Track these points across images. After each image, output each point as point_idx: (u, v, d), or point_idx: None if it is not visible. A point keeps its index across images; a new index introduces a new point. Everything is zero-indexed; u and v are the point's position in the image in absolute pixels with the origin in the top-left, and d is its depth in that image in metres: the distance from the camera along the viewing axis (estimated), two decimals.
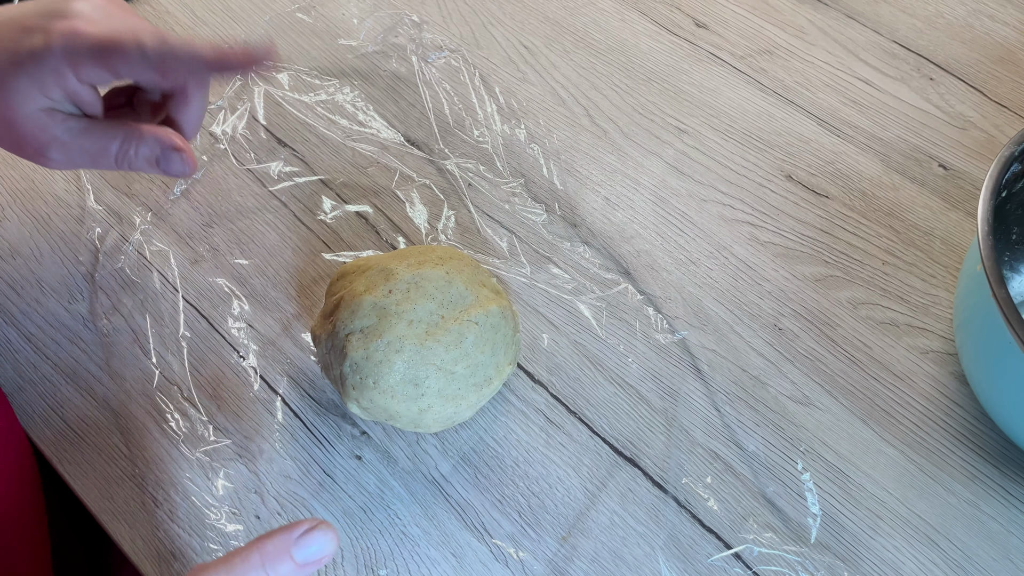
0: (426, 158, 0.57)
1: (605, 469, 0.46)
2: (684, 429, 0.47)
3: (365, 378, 0.42)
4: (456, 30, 0.63)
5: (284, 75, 0.60)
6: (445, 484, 0.46)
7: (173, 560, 0.43)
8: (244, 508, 0.45)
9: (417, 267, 0.44)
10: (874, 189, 0.56)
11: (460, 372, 0.43)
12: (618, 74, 0.61)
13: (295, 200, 0.55)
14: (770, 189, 0.56)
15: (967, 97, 0.60)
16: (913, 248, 0.53)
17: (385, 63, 0.61)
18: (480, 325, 0.43)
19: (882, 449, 0.47)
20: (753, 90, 0.61)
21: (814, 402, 0.48)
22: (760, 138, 0.58)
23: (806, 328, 0.50)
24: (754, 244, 0.54)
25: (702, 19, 0.64)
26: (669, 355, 0.50)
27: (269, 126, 0.58)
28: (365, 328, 0.42)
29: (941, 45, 0.63)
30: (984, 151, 0.57)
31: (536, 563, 0.44)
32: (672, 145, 0.58)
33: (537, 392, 0.48)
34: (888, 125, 0.59)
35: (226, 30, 0.63)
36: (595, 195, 0.56)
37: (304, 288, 0.52)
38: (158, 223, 0.54)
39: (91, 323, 0.50)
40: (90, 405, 0.47)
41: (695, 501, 0.45)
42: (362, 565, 0.44)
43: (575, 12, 0.65)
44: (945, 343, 0.50)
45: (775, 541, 0.44)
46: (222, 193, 0.55)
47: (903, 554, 0.44)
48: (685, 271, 0.53)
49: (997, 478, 0.46)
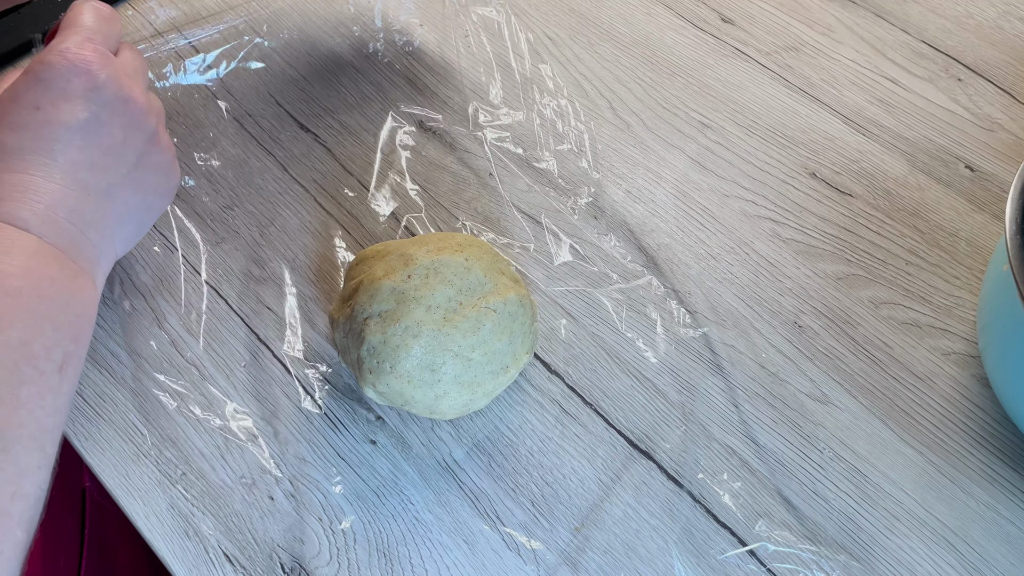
0: (446, 145, 0.57)
1: (620, 461, 0.46)
2: (701, 424, 0.47)
3: (382, 362, 0.42)
4: (481, 20, 0.63)
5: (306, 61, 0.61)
6: (459, 471, 0.46)
7: (187, 539, 0.44)
8: (258, 489, 0.45)
9: (436, 253, 0.44)
10: (899, 189, 0.55)
11: (477, 359, 0.43)
12: (642, 68, 0.61)
13: (316, 185, 0.55)
14: (793, 186, 0.55)
15: (995, 99, 0.59)
16: (937, 249, 0.53)
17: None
18: (498, 313, 0.43)
19: (901, 450, 0.46)
20: (778, 87, 0.60)
21: (833, 401, 0.48)
22: (784, 135, 0.58)
23: (827, 326, 0.50)
24: (776, 241, 0.53)
25: (728, 14, 0.64)
26: (688, 350, 0.49)
27: (292, 111, 0.59)
28: (383, 312, 0.42)
29: (970, 46, 0.62)
30: (1012, 153, 0.56)
31: (548, 553, 0.43)
32: (695, 140, 0.58)
33: (553, 382, 0.48)
34: (914, 125, 0.58)
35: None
36: (616, 188, 0.55)
37: (323, 272, 0.52)
38: (179, 204, 0.54)
39: (111, 301, 0.51)
40: (108, 382, 0.48)
41: (710, 496, 0.45)
42: (374, 549, 0.43)
43: (600, 5, 0.64)
44: (967, 345, 0.49)
45: (790, 539, 0.44)
46: (244, 176, 0.56)
47: (919, 555, 0.43)
48: (705, 266, 0.52)
49: (1017, 482, 0.45)
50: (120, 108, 0.41)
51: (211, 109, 0.59)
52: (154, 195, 0.45)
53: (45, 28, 0.62)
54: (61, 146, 0.39)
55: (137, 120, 0.42)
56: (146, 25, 0.63)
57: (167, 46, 0.61)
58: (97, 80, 0.40)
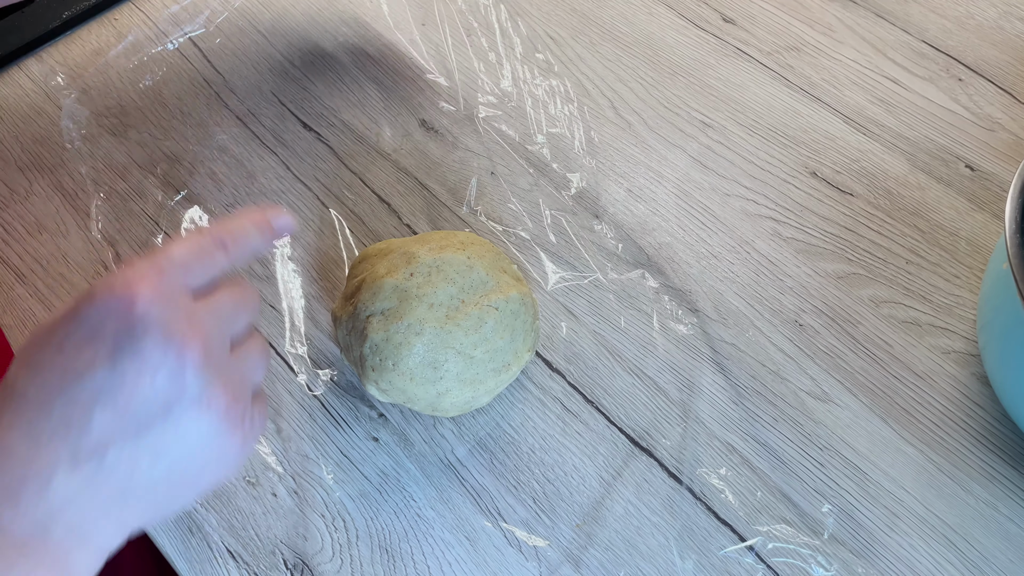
0: (448, 143, 0.57)
1: (621, 459, 0.46)
2: (701, 421, 0.47)
3: (384, 360, 0.42)
4: (483, 20, 0.63)
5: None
6: (461, 468, 0.46)
7: (191, 536, 0.44)
8: (261, 485, 0.45)
9: (439, 251, 0.44)
10: (900, 188, 0.55)
11: (479, 357, 0.43)
12: (644, 67, 0.61)
13: (318, 183, 0.55)
14: (794, 185, 0.56)
15: (996, 99, 0.59)
16: (937, 248, 0.53)
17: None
18: (500, 311, 0.43)
19: (901, 448, 0.46)
20: (779, 86, 0.60)
21: (833, 399, 0.48)
22: (785, 134, 0.58)
23: (827, 325, 0.50)
24: (777, 240, 0.53)
25: (729, 14, 0.64)
26: (688, 347, 0.49)
27: (294, 110, 0.59)
28: (386, 310, 0.43)
29: (971, 46, 0.62)
30: (1012, 153, 0.57)
31: (550, 550, 0.44)
32: (696, 139, 0.58)
33: (555, 380, 0.48)
34: (915, 124, 0.58)
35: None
36: (618, 187, 0.56)
37: (325, 270, 0.52)
38: (183, 202, 0.54)
39: None
40: None
41: (710, 493, 0.45)
42: (377, 545, 0.44)
43: (602, 4, 0.65)
44: (967, 344, 0.49)
45: (790, 536, 0.44)
46: (247, 175, 0.56)
47: (919, 552, 0.43)
48: (707, 265, 0.52)
49: (1016, 480, 0.45)
50: (157, 358, 0.32)
51: (214, 108, 0.59)
52: (188, 465, 0.34)
53: (46, 28, 0.62)
54: (63, 400, 0.32)
55: (178, 375, 0.32)
56: (147, 22, 0.63)
57: (167, 39, 0.61)
58: (133, 324, 0.32)
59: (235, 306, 0.36)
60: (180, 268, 0.34)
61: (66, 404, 0.32)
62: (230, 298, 0.36)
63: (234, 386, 0.34)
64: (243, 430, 0.35)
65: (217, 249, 0.36)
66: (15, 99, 0.60)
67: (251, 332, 0.37)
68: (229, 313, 0.36)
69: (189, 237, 0.35)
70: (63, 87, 0.60)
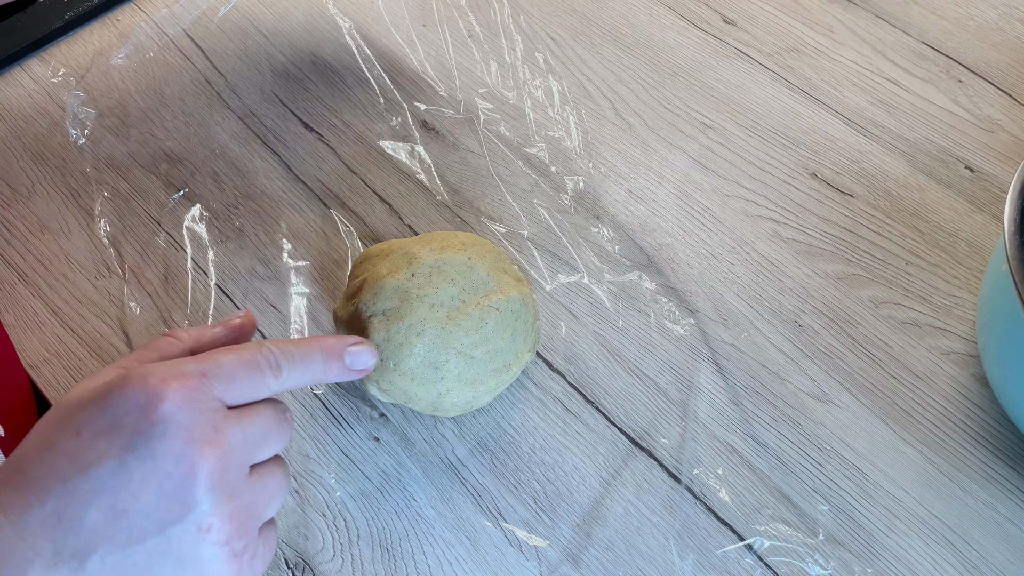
0: (449, 144, 0.57)
1: (621, 459, 0.46)
2: (701, 421, 0.47)
3: (386, 360, 0.42)
4: (484, 20, 0.64)
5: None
6: (461, 468, 0.46)
7: None
8: None
9: (440, 252, 0.44)
10: (899, 189, 0.56)
11: (480, 357, 0.43)
12: (644, 68, 0.61)
13: (319, 184, 0.56)
14: (794, 186, 0.56)
15: (996, 100, 0.59)
16: (937, 249, 0.53)
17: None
18: (501, 311, 0.43)
19: (900, 448, 0.46)
20: (779, 87, 0.60)
21: (833, 399, 0.48)
22: (785, 135, 0.58)
23: (827, 325, 0.50)
24: (777, 240, 0.54)
25: (730, 15, 0.64)
26: (688, 348, 0.50)
27: (296, 111, 0.59)
28: (387, 311, 0.43)
29: (971, 48, 0.62)
30: (1012, 154, 0.57)
31: (550, 549, 0.44)
32: (697, 140, 0.58)
33: (555, 380, 0.49)
34: (915, 126, 0.58)
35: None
36: (618, 187, 0.56)
37: (327, 270, 0.52)
38: (185, 203, 0.55)
39: (117, 299, 0.51)
40: None
41: (710, 493, 0.45)
42: (377, 545, 0.44)
43: (603, 6, 0.65)
44: (967, 345, 0.50)
45: (789, 536, 0.44)
46: (249, 176, 0.56)
47: (918, 553, 0.43)
48: (707, 265, 0.53)
49: (1015, 480, 0.45)
50: (169, 465, 0.30)
51: (216, 108, 0.59)
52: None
53: (48, 29, 0.62)
54: (62, 490, 0.30)
55: (188, 487, 0.30)
56: (149, 23, 0.63)
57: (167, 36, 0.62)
58: (153, 423, 0.30)
59: (266, 430, 0.34)
60: (224, 378, 0.32)
61: (64, 494, 0.30)
62: (263, 420, 0.34)
63: (242, 515, 0.32)
64: (240, 565, 0.32)
65: (269, 369, 0.34)
66: (18, 99, 0.60)
67: (275, 457, 0.35)
68: (259, 435, 0.33)
69: (247, 347, 0.34)
70: (66, 87, 0.60)
